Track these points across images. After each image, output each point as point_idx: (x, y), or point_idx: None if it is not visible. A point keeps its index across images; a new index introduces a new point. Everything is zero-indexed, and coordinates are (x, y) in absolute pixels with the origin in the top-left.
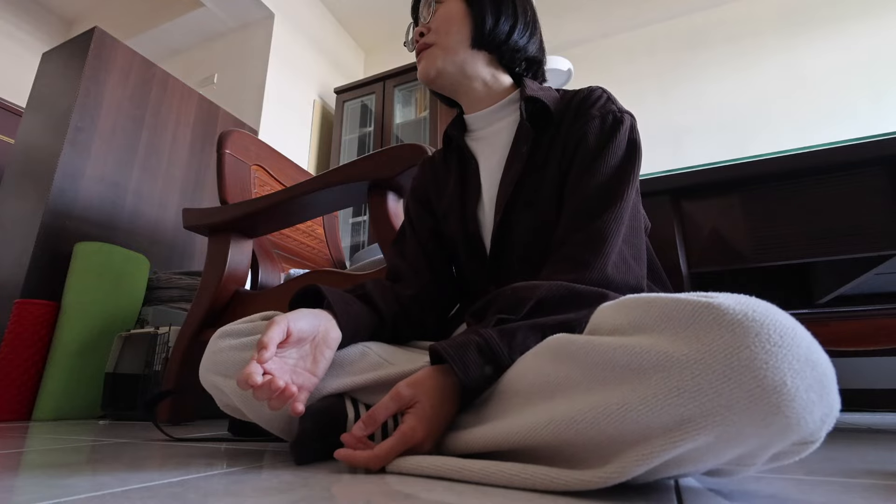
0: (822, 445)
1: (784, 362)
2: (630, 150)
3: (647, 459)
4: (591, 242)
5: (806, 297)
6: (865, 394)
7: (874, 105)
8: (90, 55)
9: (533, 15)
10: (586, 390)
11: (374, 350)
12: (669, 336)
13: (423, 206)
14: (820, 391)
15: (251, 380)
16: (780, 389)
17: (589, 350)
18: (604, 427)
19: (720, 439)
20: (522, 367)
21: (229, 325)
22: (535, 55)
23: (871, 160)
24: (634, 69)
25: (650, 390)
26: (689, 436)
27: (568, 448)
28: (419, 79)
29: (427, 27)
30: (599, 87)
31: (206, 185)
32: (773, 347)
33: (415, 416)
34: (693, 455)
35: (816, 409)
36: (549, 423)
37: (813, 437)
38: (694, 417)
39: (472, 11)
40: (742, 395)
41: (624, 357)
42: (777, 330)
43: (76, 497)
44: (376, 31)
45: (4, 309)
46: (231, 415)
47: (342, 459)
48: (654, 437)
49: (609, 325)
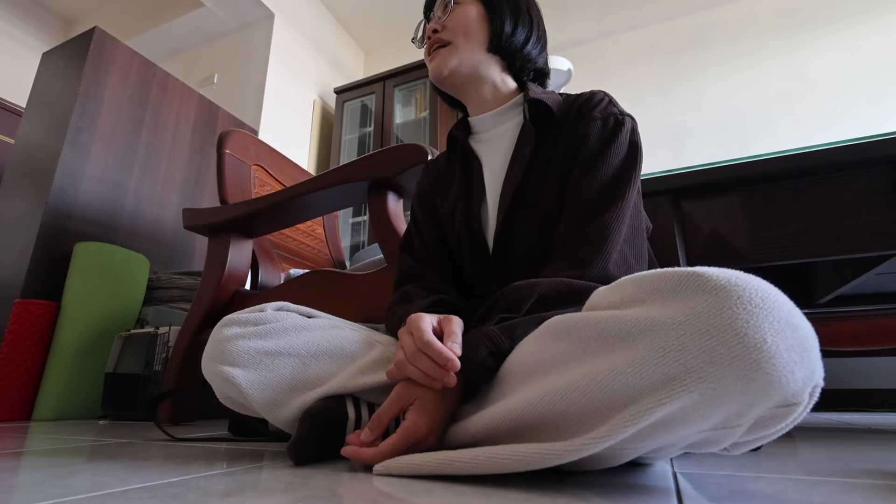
0: (823, 445)
1: (765, 322)
2: (631, 151)
3: (635, 420)
4: (592, 241)
5: (806, 297)
6: (865, 394)
7: (874, 105)
8: (90, 55)
9: (545, 32)
10: (579, 362)
11: (381, 342)
12: (658, 304)
13: (429, 215)
14: (801, 352)
15: (452, 364)
16: (760, 346)
17: (584, 324)
18: (595, 393)
19: (704, 397)
20: (522, 351)
21: (233, 315)
22: (542, 67)
23: (871, 160)
24: (634, 69)
25: (638, 353)
26: (675, 393)
27: (562, 420)
28: (430, 76)
29: (442, 25)
30: (601, 91)
31: (206, 185)
32: (754, 308)
33: (417, 412)
34: (679, 416)
35: (797, 369)
36: (543, 396)
37: (796, 399)
38: (679, 375)
39: (492, 17)
40: (724, 351)
41: (615, 326)
42: (759, 294)
43: (76, 497)
44: (376, 31)
45: (4, 309)
46: (229, 407)
47: (348, 456)
48: (641, 398)
49: (605, 303)
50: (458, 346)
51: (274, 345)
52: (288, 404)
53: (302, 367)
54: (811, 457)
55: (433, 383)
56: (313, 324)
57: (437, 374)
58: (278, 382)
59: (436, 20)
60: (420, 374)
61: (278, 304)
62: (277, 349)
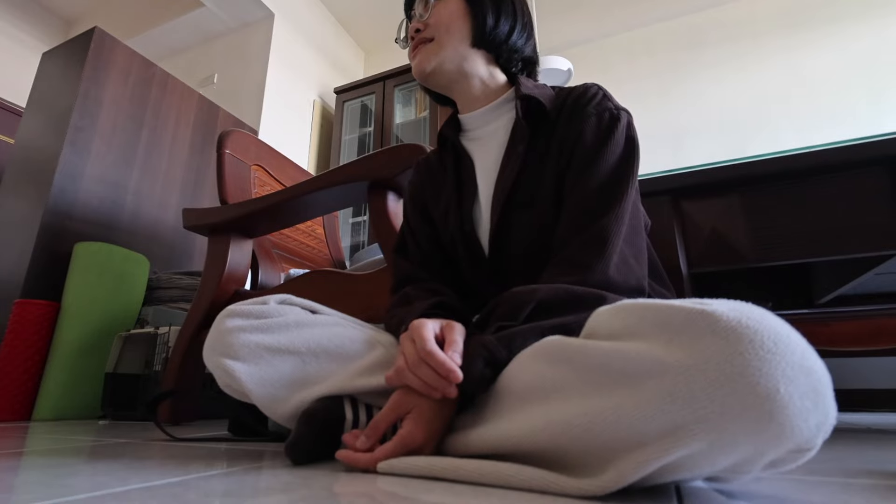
0: (822, 445)
1: (777, 369)
2: (628, 147)
3: (643, 466)
4: (592, 244)
5: (806, 297)
6: (865, 394)
7: (874, 105)
8: (90, 55)
9: (530, 18)
10: (581, 394)
11: (383, 343)
12: (664, 342)
13: (421, 216)
14: (815, 398)
15: (454, 376)
16: (773, 397)
17: (584, 354)
18: (598, 432)
19: (714, 446)
20: (518, 367)
21: (236, 306)
22: (530, 56)
23: (871, 160)
24: (634, 69)
25: (644, 396)
26: (683, 442)
27: (564, 452)
28: (414, 73)
29: (424, 23)
30: (595, 84)
31: (206, 185)
32: (766, 354)
33: (413, 421)
34: (688, 462)
35: (811, 416)
36: (545, 427)
37: (808, 445)
38: (687, 424)
39: (473, 10)
40: (735, 402)
41: (619, 362)
42: (771, 337)
43: (76, 497)
44: (376, 31)
45: (4, 309)
46: (231, 395)
47: (343, 460)
48: (648, 444)
49: (605, 330)
50: (458, 356)
51: (275, 340)
52: (288, 401)
53: (302, 364)
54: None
55: (433, 393)
56: (316, 320)
57: (439, 385)
58: (278, 378)
59: (417, 18)
60: (420, 383)
61: (281, 296)
62: (279, 345)
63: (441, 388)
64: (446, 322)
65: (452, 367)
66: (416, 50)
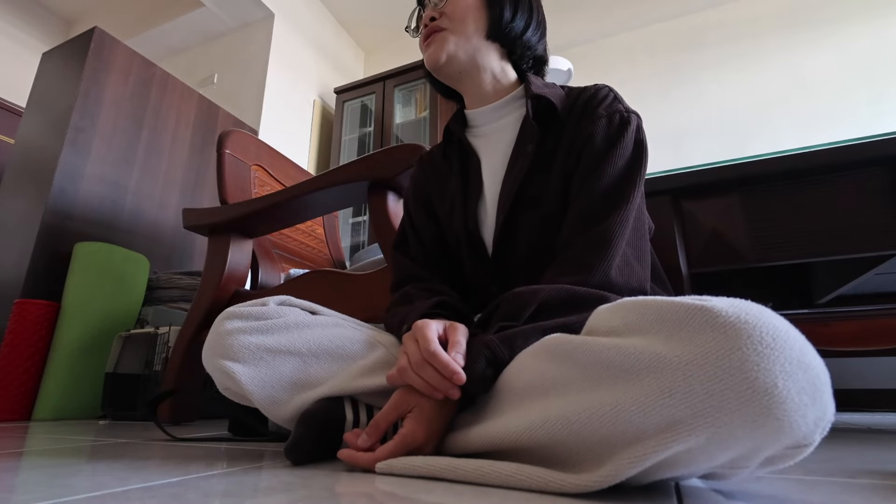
0: (822, 445)
1: (776, 364)
2: (637, 151)
3: (640, 461)
4: (595, 245)
5: (806, 297)
6: (865, 394)
7: (874, 105)
8: (90, 55)
9: (544, 17)
10: (580, 389)
11: (383, 343)
12: (663, 338)
13: (424, 211)
14: (812, 394)
15: (458, 378)
16: (770, 391)
17: (584, 350)
18: (597, 427)
19: (711, 441)
20: (519, 365)
21: (235, 307)
22: (542, 55)
23: (871, 160)
24: (634, 69)
25: (642, 391)
26: (681, 437)
27: (563, 448)
28: (426, 63)
29: (440, 12)
30: (606, 86)
31: (206, 185)
32: (764, 349)
33: (415, 420)
34: (685, 457)
35: (809, 411)
36: (544, 423)
37: (806, 441)
38: (685, 419)
39: (490, 2)
40: (733, 396)
41: (618, 358)
42: (769, 332)
43: (76, 497)
44: (376, 31)
45: (4, 309)
46: (230, 398)
47: (344, 459)
48: (646, 439)
49: (605, 327)
50: (462, 357)
51: (275, 341)
52: (288, 402)
53: (303, 365)
54: (811, 457)
55: (435, 393)
56: (316, 321)
57: (442, 386)
58: (278, 380)
59: (432, 7)
60: (423, 383)
61: (281, 297)
62: (279, 346)
63: (444, 389)
64: (450, 323)
65: (456, 368)
66: (428, 39)
